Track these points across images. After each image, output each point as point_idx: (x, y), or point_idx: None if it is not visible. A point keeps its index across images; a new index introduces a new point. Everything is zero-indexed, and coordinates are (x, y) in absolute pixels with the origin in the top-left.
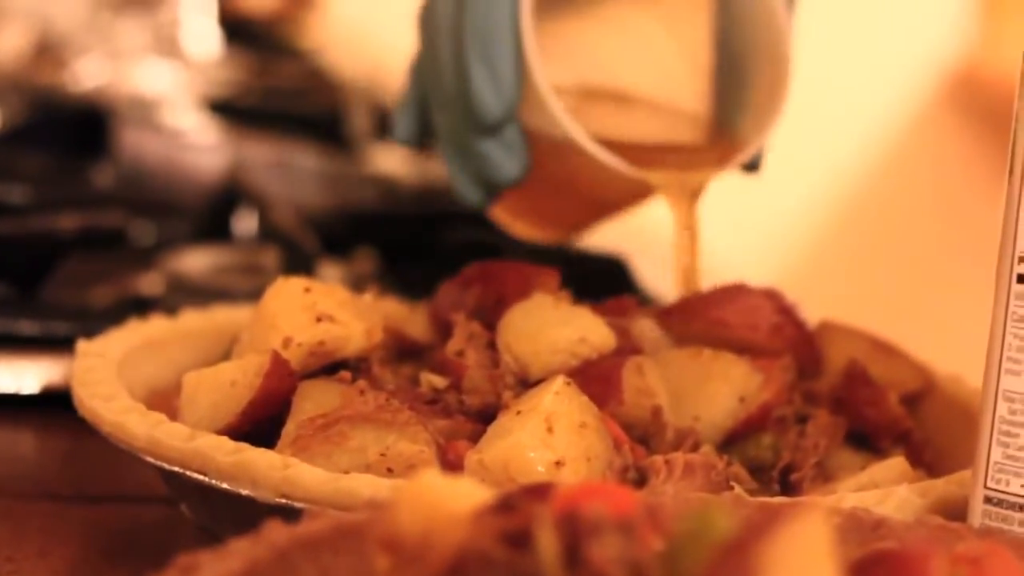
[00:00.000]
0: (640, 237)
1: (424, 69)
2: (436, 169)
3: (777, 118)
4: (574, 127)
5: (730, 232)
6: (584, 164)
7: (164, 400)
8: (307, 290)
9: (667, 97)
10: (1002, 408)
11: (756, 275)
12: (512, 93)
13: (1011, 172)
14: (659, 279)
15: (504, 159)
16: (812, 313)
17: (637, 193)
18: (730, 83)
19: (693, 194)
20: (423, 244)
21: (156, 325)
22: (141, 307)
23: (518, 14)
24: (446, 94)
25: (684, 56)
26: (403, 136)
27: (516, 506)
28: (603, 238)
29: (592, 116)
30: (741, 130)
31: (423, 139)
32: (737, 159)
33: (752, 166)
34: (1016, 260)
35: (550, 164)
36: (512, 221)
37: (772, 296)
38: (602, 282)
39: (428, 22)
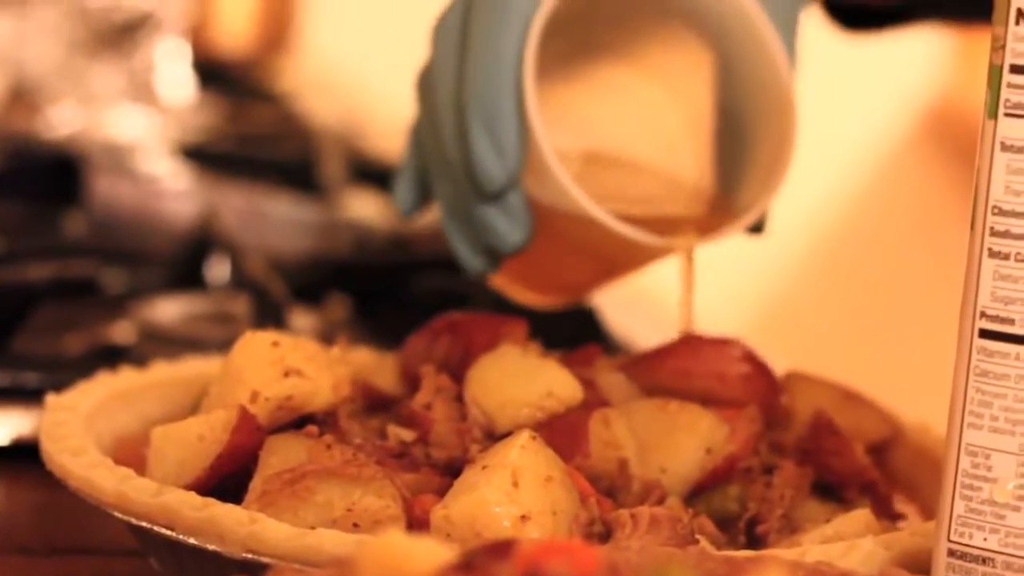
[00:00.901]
0: (611, 289)
1: (423, 135)
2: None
3: (781, 182)
4: (582, 197)
5: (702, 275)
6: (590, 231)
7: (132, 449)
8: (275, 344)
9: (669, 162)
10: (964, 462)
11: (729, 318)
12: (515, 160)
13: (972, 226)
14: (628, 327)
15: (507, 227)
16: (786, 356)
17: (642, 258)
18: (733, 146)
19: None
20: (396, 291)
21: (126, 377)
22: (113, 356)
23: (521, 81)
24: (447, 161)
25: (686, 121)
26: (404, 205)
27: (477, 565)
28: None
29: (594, 183)
30: (744, 193)
31: (424, 206)
32: (741, 223)
33: (756, 228)
34: (978, 315)
35: (553, 231)
36: (512, 287)
37: (739, 347)
38: (571, 331)
39: (427, 88)
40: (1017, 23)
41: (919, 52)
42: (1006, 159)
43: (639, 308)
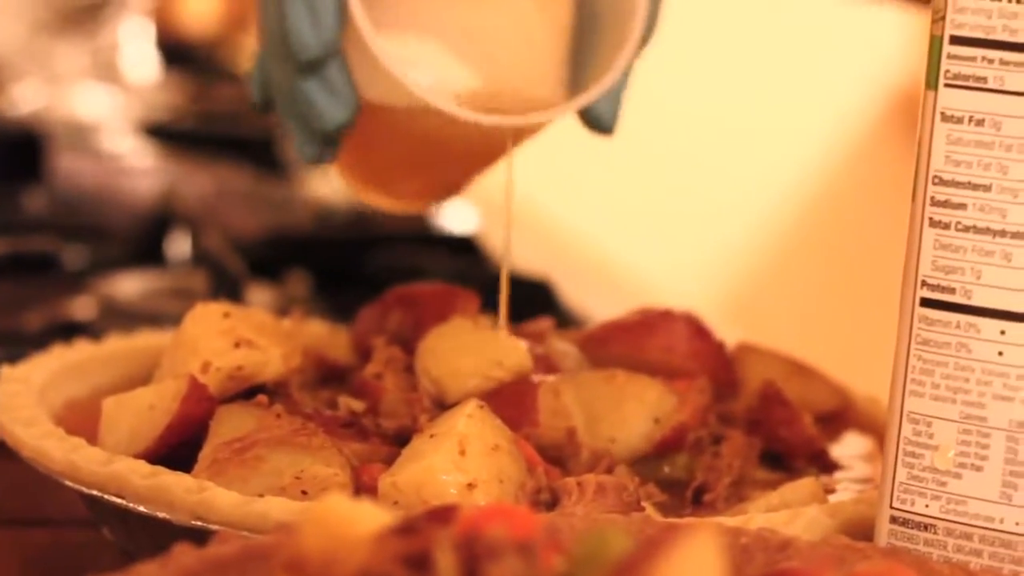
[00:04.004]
0: (566, 259)
1: (259, 17)
2: None
3: (620, 68)
4: (397, 66)
5: (671, 254)
6: (416, 117)
7: (85, 419)
8: (226, 315)
9: (520, 49)
10: (907, 429)
11: (699, 297)
12: (331, 27)
13: (914, 196)
14: (584, 301)
15: (328, 103)
16: (753, 330)
17: (477, 148)
18: (582, 41)
19: (520, 139)
20: (355, 268)
21: (80, 350)
22: (72, 332)
23: None
24: (271, 36)
25: (543, 7)
26: (255, 96)
27: (418, 529)
28: (529, 259)
29: (430, 61)
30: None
31: (270, 98)
32: (569, 105)
33: (603, 127)
34: (919, 284)
35: (384, 122)
36: (359, 187)
37: (689, 320)
38: (526, 305)
39: None
40: None
41: (888, 32)
42: (946, 129)
43: (595, 283)
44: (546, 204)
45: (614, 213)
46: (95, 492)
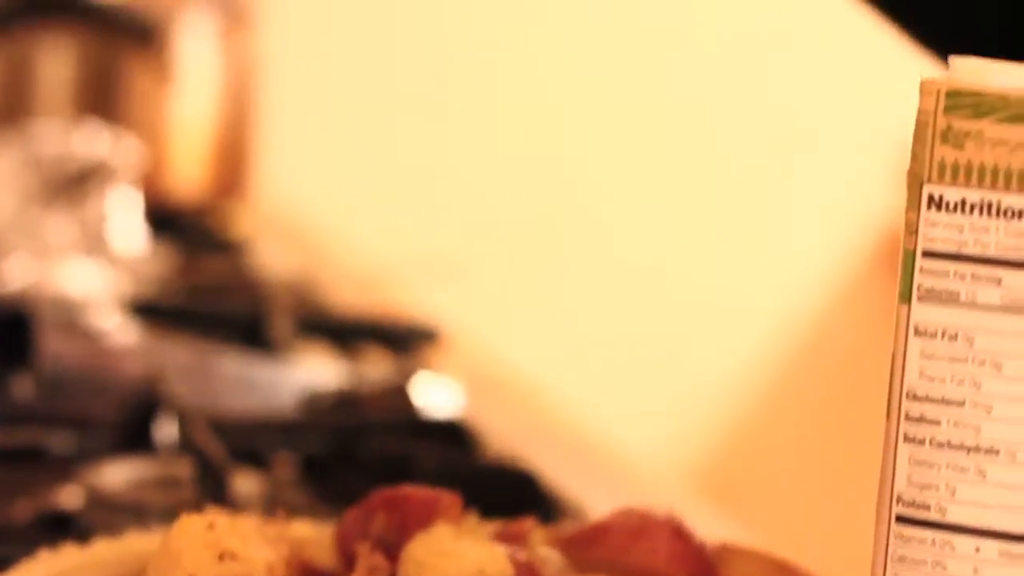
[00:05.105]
0: (553, 445)
1: None
2: (357, 375)
3: None
4: None
5: (647, 424)
6: None
7: None
8: (210, 527)
9: None
10: None
11: (679, 467)
12: None
13: (888, 412)
14: (572, 488)
15: None
16: (731, 504)
17: None
18: None
19: None
20: (343, 453)
21: (67, 556)
22: (59, 524)
23: None
24: None
25: None
26: None
27: None
28: (509, 439)
29: None
30: None
31: None
32: None
33: None
34: (894, 500)
35: None
36: None
37: (671, 521)
38: (509, 497)
39: None
40: (929, 208)
41: (872, 175)
42: (920, 344)
43: (583, 467)
44: (527, 376)
45: (586, 380)
46: None
